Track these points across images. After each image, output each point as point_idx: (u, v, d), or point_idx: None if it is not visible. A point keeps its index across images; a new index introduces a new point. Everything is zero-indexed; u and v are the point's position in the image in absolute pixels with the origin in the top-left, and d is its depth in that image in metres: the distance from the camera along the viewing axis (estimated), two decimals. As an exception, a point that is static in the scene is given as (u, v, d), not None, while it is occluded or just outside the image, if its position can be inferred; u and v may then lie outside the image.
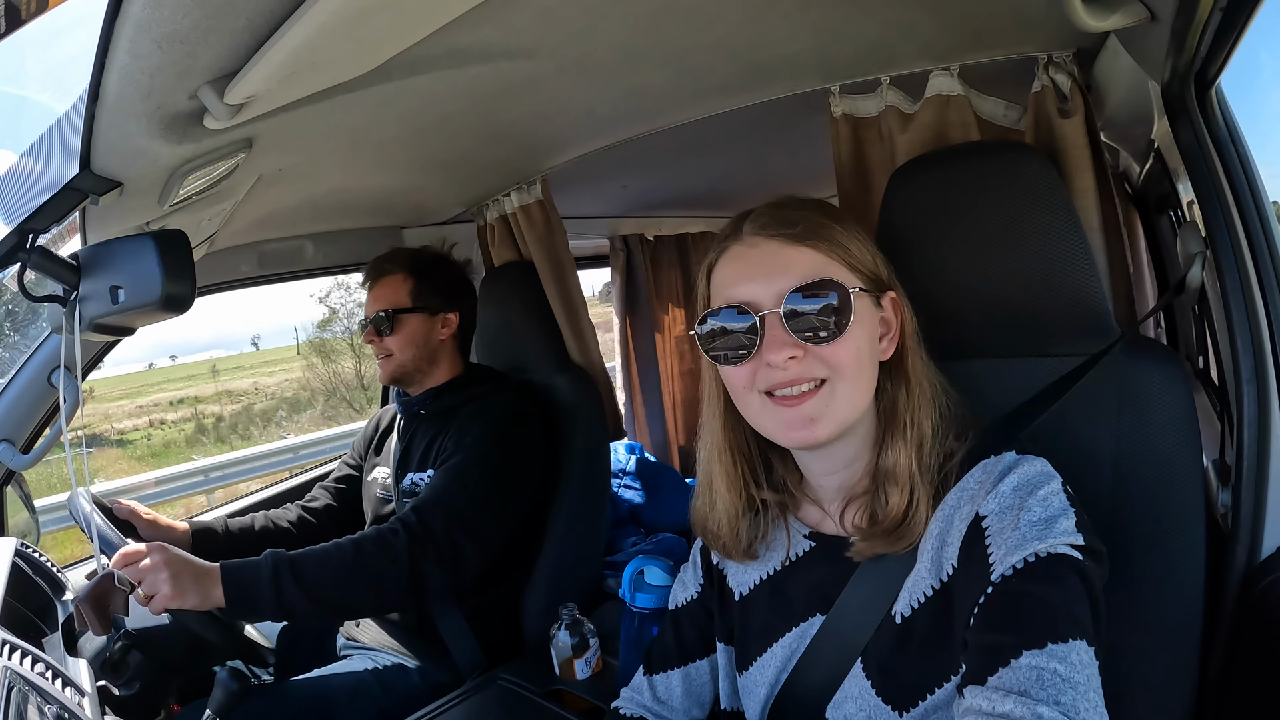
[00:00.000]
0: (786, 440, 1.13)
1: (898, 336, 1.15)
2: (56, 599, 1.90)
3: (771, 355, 1.07)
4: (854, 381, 1.08)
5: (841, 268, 1.09)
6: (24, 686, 1.26)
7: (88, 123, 1.09)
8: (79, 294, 1.32)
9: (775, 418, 1.11)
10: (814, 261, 1.09)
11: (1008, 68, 1.56)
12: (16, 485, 2.19)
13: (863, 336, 1.09)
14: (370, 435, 2.60)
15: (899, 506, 1.09)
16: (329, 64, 1.16)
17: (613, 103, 1.86)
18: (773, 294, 1.07)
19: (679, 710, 1.41)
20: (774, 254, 1.10)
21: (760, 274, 1.10)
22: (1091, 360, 1.26)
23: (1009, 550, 0.95)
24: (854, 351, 1.07)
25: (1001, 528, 0.98)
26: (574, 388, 2.39)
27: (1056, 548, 0.94)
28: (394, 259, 2.35)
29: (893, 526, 1.09)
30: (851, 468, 1.18)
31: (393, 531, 1.88)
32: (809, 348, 1.06)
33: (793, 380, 1.07)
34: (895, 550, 1.10)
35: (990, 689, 0.88)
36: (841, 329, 1.06)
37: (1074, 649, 0.87)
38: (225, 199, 1.82)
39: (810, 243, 1.09)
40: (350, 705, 2.02)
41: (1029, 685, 0.85)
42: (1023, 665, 0.87)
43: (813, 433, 1.08)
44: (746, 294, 1.09)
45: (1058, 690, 0.84)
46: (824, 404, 1.08)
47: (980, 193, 1.31)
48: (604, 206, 3.48)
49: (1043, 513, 0.97)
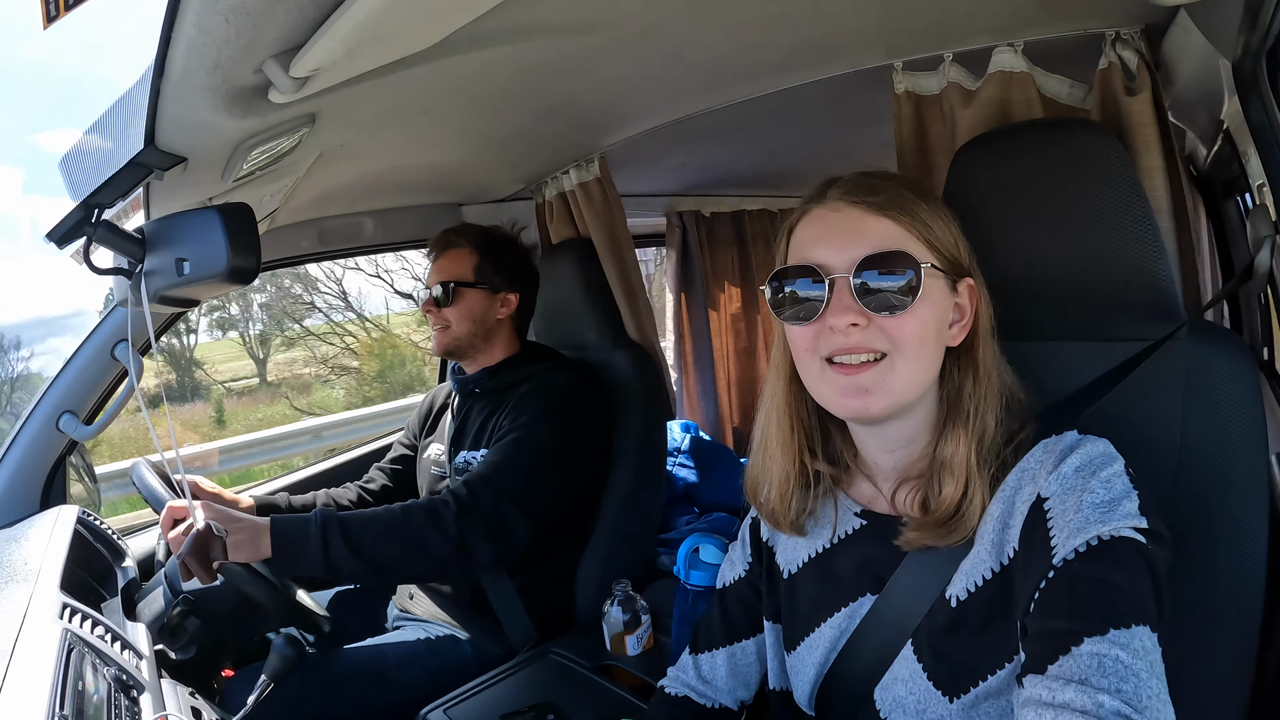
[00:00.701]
0: (840, 409, 1.13)
1: (970, 324, 1.14)
2: (116, 565, 1.94)
3: (835, 319, 1.07)
4: (914, 359, 1.08)
5: (919, 243, 1.09)
6: (83, 648, 1.29)
7: (153, 98, 1.10)
8: (144, 267, 1.34)
9: (832, 384, 1.11)
10: (891, 232, 1.09)
11: (1073, 44, 1.53)
12: (79, 455, 2.24)
13: (930, 316, 1.07)
14: (424, 414, 2.62)
15: (953, 498, 1.07)
16: (395, 37, 1.15)
17: (673, 79, 1.85)
18: (845, 259, 1.07)
19: (724, 690, 1.42)
20: (853, 220, 1.10)
21: (836, 238, 1.10)
22: (1155, 345, 1.23)
23: (1071, 533, 0.94)
24: (918, 329, 1.07)
25: (1063, 510, 0.97)
26: (631, 366, 2.39)
27: (1120, 530, 0.92)
28: (463, 233, 2.37)
29: (944, 518, 1.08)
30: (908, 449, 1.17)
31: (443, 502, 1.91)
32: (873, 318, 1.06)
33: (853, 348, 1.07)
34: (945, 543, 1.09)
35: (1050, 677, 0.87)
36: (908, 303, 1.05)
37: (1136, 635, 0.86)
38: (287, 175, 1.83)
39: (890, 213, 1.09)
40: (402, 674, 2.06)
41: (1090, 673, 0.84)
42: (1084, 652, 0.86)
43: (865, 404, 1.08)
44: (820, 256, 1.10)
45: (1119, 678, 0.83)
46: (881, 377, 1.07)
47: (1045, 171, 1.29)
48: (661, 184, 3.46)
49: (1105, 495, 0.95)
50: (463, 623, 2.24)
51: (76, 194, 1.28)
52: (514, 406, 2.16)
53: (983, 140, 1.41)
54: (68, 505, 2.09)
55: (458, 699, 1.86)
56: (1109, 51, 1.46)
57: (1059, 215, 1.27)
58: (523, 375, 2.26)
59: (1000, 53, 1.55)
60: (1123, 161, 1.25)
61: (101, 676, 1.27)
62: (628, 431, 2.33)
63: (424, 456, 2.50)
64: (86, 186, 1.26)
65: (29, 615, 1.36)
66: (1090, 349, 1.30)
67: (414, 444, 2.62)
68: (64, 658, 1.23)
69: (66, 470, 2.18)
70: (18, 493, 2.08)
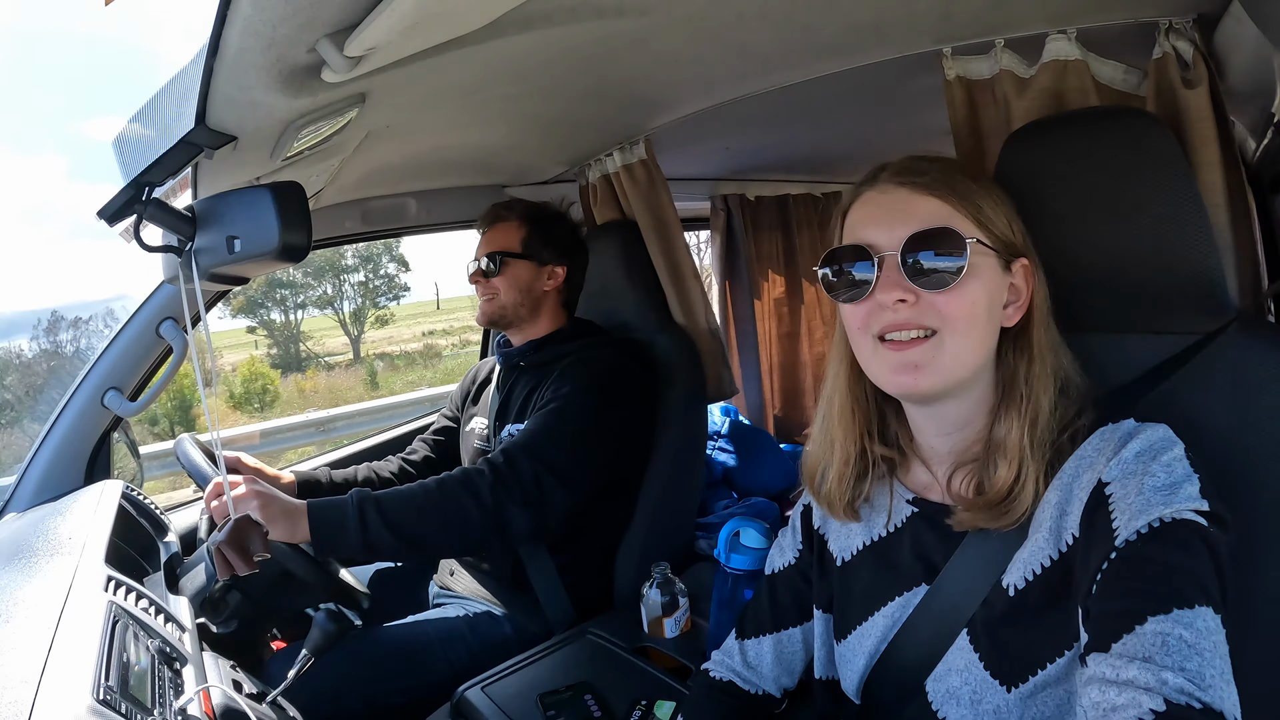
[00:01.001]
0: (891, 385, 1.13)
1: (1025, 305, 1.14)
2: (159, 539, 1.96)
3: (884, 295, 1.08)
4: (964, 336, 1.08)
5: (968, 221, 1.10)
6: (127, 621, 1.31)
7: (206, 76, 1.10)
8: (195, 244, 1.34)
9: (883, 361, 1.11)
10: (939, 211, 1.10)
11: (1127, 32, 1.51)
12: (123, 431, 2.26)
13: (980, 293, 1.08)
14: (468, 387, 2.64)
15: (1006, 480, 1.07)
16: (449, 17, 1.15)
17: (720, 61, 1.84)
18: (893, 238, 1.09)
19: (768, 677, 1.42)
20: (902, 200, 1.12)
21: (885, 218, 1.12)
22: (1206, 339, 1.21)
23: (1133, 515, 0.94)
24: (967, 305, 1.07)
25: (1125, 493, 0.97)
26: (675, 348, 2.38)
27: (1181, 513, 0.92)
28: (511, 207, 2.39)
29: (997, 499, 1.07)
30: (963, 431, 1.17)
31: (479, 471, 1.91)
32: (921, 294, 1.07)
33: (903, 324, 1.08)
34: (997, 526, 1.08)
35: (1114, 655, 0.87)
36: (956, 279, 1.05)
37: (1200, 615, 0.85)
38: (334, 155, 1.84)
39: (938, 192, 1.10)
40: (442, 650, 2.08)
41: (1154, 651, 0.84)
42: (1147, 631, 0.85)
43: (915, 380, 1.09)
44: (870, 236, 1.12)
45: (1183, 656, 0.82)
46: (930, 353, 1.08)
47: (1098, 160, 1.27)
48: (705, 168, 3.45)
49: (1167, 478, 0.95)
50: (503, 601, 2.25)
51: (128, 172, 1.28)
52: (558, 378, 2.16)
53: (1034, 127, 1.39)
54: (112, 480, 2.12)
55: (496, 676, 1.87)
56: (1163, 41, 1.43)
57: (1110, 205, 1.25)
58: (567, 350, 2.27)
59: (1054, 40, 1.53)
60: (1175, 153, 1.22)
61: (145, 648, 1.29)
62: (669, 414, 2.33)
63: (467, 429, 2.51)
64: (138, 165, 1.26)
65: (74, 588, 1.37)
66: (1140, 341, 1.28)
67: (457, 416, 2.64)
68: (109, 630, 1.24)
69: (111, 445, 2.21)
70: (63, 467, 2.11)
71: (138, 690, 1.15)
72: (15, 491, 2.08)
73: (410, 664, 2.03)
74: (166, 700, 1.20)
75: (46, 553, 1.54)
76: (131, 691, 1.12)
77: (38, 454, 2.11)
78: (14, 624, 1.22)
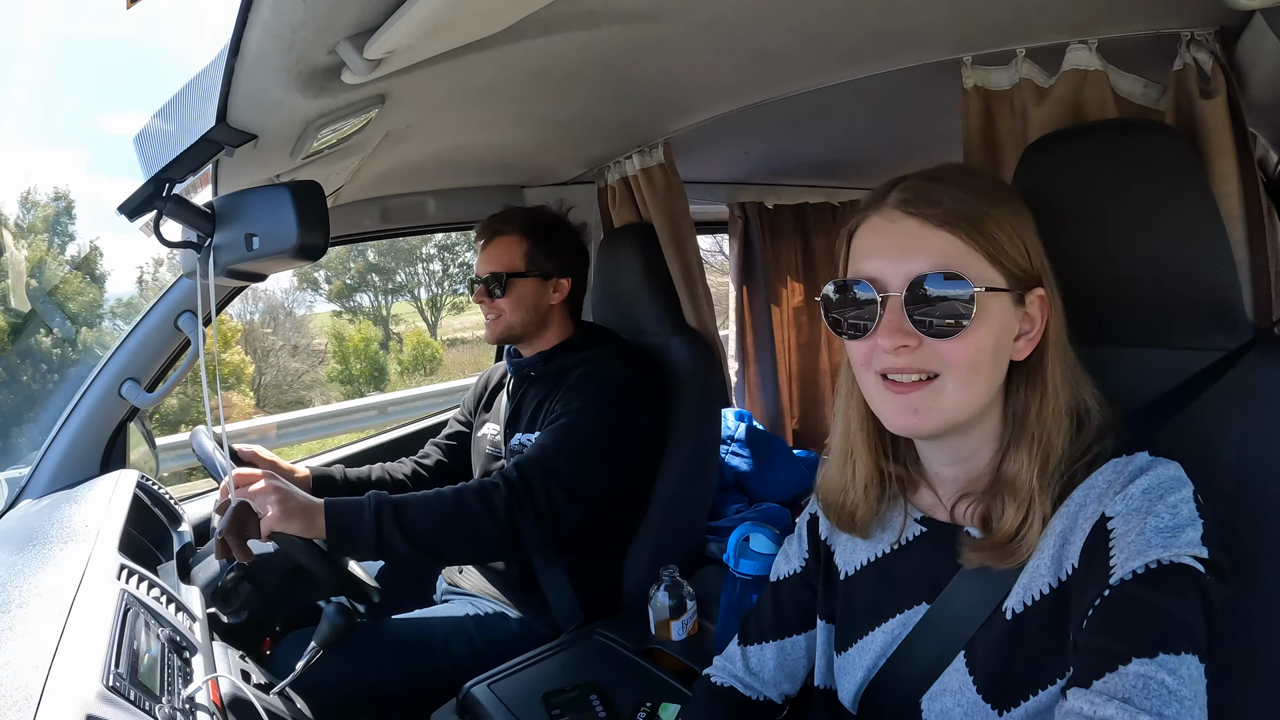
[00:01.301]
0: (892, 426, 1.10)
1: (1038, 337, 1.09)
2: (173, 529, 1.98)
3: (884, 340, 1.04)
4: (967, 382, 1.04)
5: (981, 260, 1.03)
6: (139, 609, 1.32)
7: (227, 76, 1.11)
8: (214, 241, 1.36)
9: (886, 402, 1.09)
10: (950, 249, 1.03)
11: (1148, 44, 1.50)
12: (140, 422, 2.29)
13: (986, 338, 1.03)
14: (480, 392, 2.63)
15: (1013, 522, 1.05)
16: (469, 20, 1.16)
17: (739, 67, 1.84)
18: (899, 276, 1.03)
19: (769, 683, 1.42)
20: (910, 234, 1.05)
21: (892, 252, 1.06)
22: (1232, 357, 1.19)
23: (1131, 555, 0.93)
24: (972, 352, 1.03)
25: (1126, 530, 0.96)
26: (689, 352, 2.37)
27: (1180, 557, 0.91)
28: (509, 219, 2.33)
29: (1003, 540, 1.05)
30: (969, 463, 1.15)
31: (494, 485, 1.91)
32: (924, 339, 1.03)
33: (904, 368, 1.05)
34: (1002, 566, 1.07)
35: (1094, 692, 0.87)
36: (962, 327, 1.01)
37: (1185, 663, 0.85)
38: (354, 154, 1.85)
39: (949, 227, 1.03)
40: (447, 646, 2.09)
41: (1134, 693, 0.84)
42: (1130, 672, 0.85)
43: (915, 422, 1.06)
44: (875, 270, 1.06)
45: (1163, 702, 0.82)
46: (931, 399, 1.05)
47: (1115, 172, 1.26)
48: (724, 172, 3.44)
49: (1170, 520, 0.94)
50: (511, 599, 2.26)
51: (149, 169, 1.30)
52: (567, 390, 2.16)
53: (1051, 140, 1.38)
54: (127, 470, 2.14)
55: (502, 674, 1.88)
56: (1184, 53, 1.43)
57: (1128, 217, 1.24)
58: (578, 360, 2.26)
59: (1074, 50, 1.52)
60: (1194, 166, 1.21)
61: (156, 637, 1.30)
62: (682, 418, 2.33)
63: (479, 435, 2.51)
64: (159, 161, 1.28)
65: (87, 575, 1.39)
66: (1154, 355, 1.27)
67: (470, 421, 2.64)
68: (120, 617, 1.26)
69: (127, 435, 2.23)
70: (79, 456, 2.13)
71: (147, 678, 1.16)
72: (31, 478, 2.10)
73: (416, 658, 2.04)
74: (175, 688, 1.21)
75: (61, 540, 1.56)
76: (141, 679, 1.14)
77: (54, 442, 2.13)
78: (27, 609, 1.24)
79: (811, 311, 4.01)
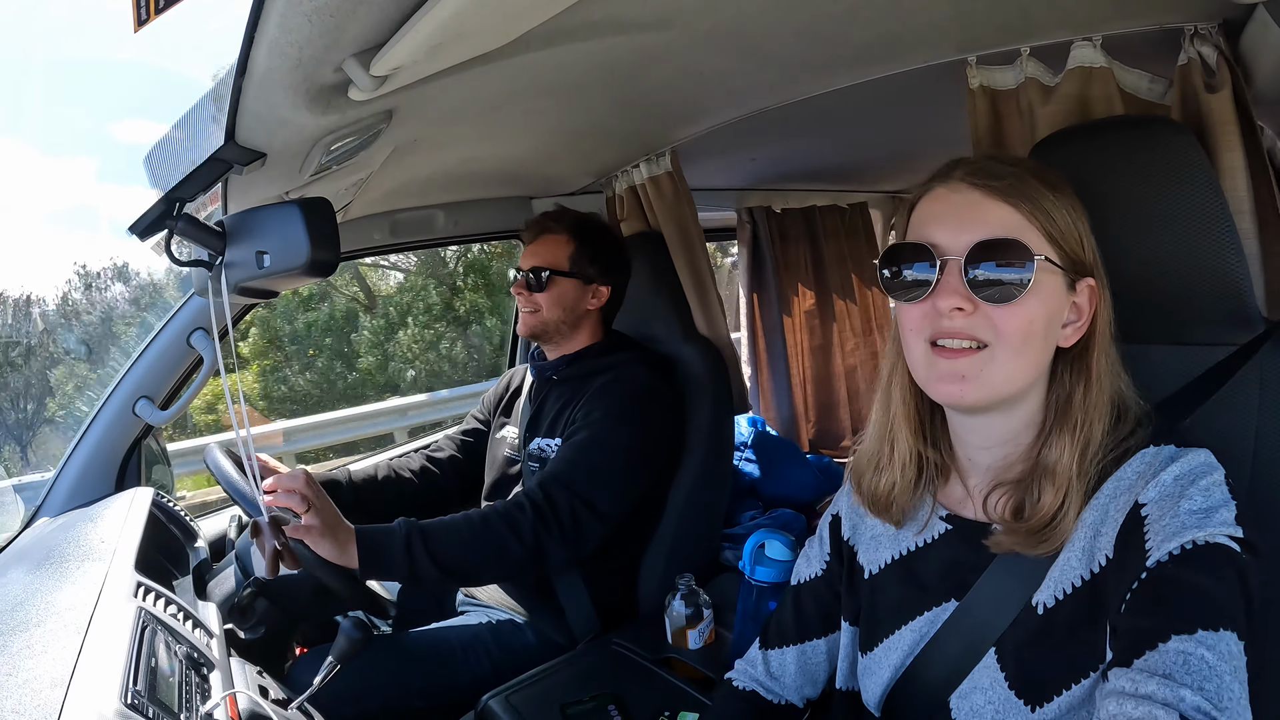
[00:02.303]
0: (937, 393, 1.12)
1: (1086, 326, 1.11)
2: (188, 545, 1.99)
3: (942, 301, 1.06)
4: (1016, 353, 1.06)
5: (1038, 234, 1.07)
6: (156, 626, 1.32)
7: (234, 95, 1.12)
8: (225, 259, 1.37)
9: (932, 367, 1.10)
10: (1010, 219, 1.07)
11: (1152, 39, 1.50)
12: (154, 439, 2.29)
13: (1039, 310, 1.05)
14: (501, 394, 2.63)
15: (1050, 507, 1.05)
16: (473, 36, 1.17)
17: (744, 74, 1.85)
18: (959, 242, 1.06)
19: (791, 687, 1.42)
20: (973, 203, 1.09)
21: (953, 219, 1.09)
22: (1244, 351, 1.20)
23: (1166, 537, 0.94)
24: (1024, 322, 1.05)
25: (1160, 515, 0.96)
26: (701, 359, 2.37)
27: (1215, 537, 0.92)
28: (560, 219, 2.35)
29: (1039, 526, 1.06)
30: (1006, 448, 1.16)
31: (519, 507, 1.91)
32: (980, 305, 1.05)
33: (956, 333, 1.06)
34: (1035, 553, 1.07)
35: (1135, 670, 0.87)
36: (1017, 294, 1.03)
37: (1224, 639, 0.86)
38: (362, 169, 1.86)
39: (1012, 200, 1.07)
40: (465, 658, 2.09)
41: (1174, 669, 0.84)
42: (1170, 649, 0.86)
43: (961, 390, 1.07)
44: (935, 236, 1.09)
45: (1203, 677, 0.83)
46: (979, 366, 1.06)
47: (1124, 169, 1.26)
48: (731, 179, 3.45)
49: (1203, 502, 0.95)
50: (527, 609, 2.26)
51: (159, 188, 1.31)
52: (588, 400, 2.16)
53: (1059, 138, 1.38)
54: (143, 487, 2.14)
55: (520, 686, 1.88)
56: (1188, 47, 1.43)
57: (1136, 214, 1.25)
58: (601, 366, 2.26)
59: (1079, 47, 1.53)
60: (1201, 161, 1.22)
61: (174, 654, 1.30)
62: (697, 426, 2.33)
63: (497, 436, 2.51)
64: (169, 181, 1.29)
65: (105, 593, 1.39)
66: (1167, 352, 1.27)
67: (488, 420, 2.64)
68: (138, 634, 1.26)
69: (142, 453, 2.24)
70: (95, 474, 2.14)
71: (165, 695, 1.16)
72: (48, 497, 2.11)
73: (433, 671, 2.04)
74: (194, 705, 1.21)
75: (78, 558, 1.56)
76: (159, 696, 1.14)
77: (70, 460, 2.14)
78: (45, 627, 1.24)
79: (824, 315, 4.00)
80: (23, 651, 1.15)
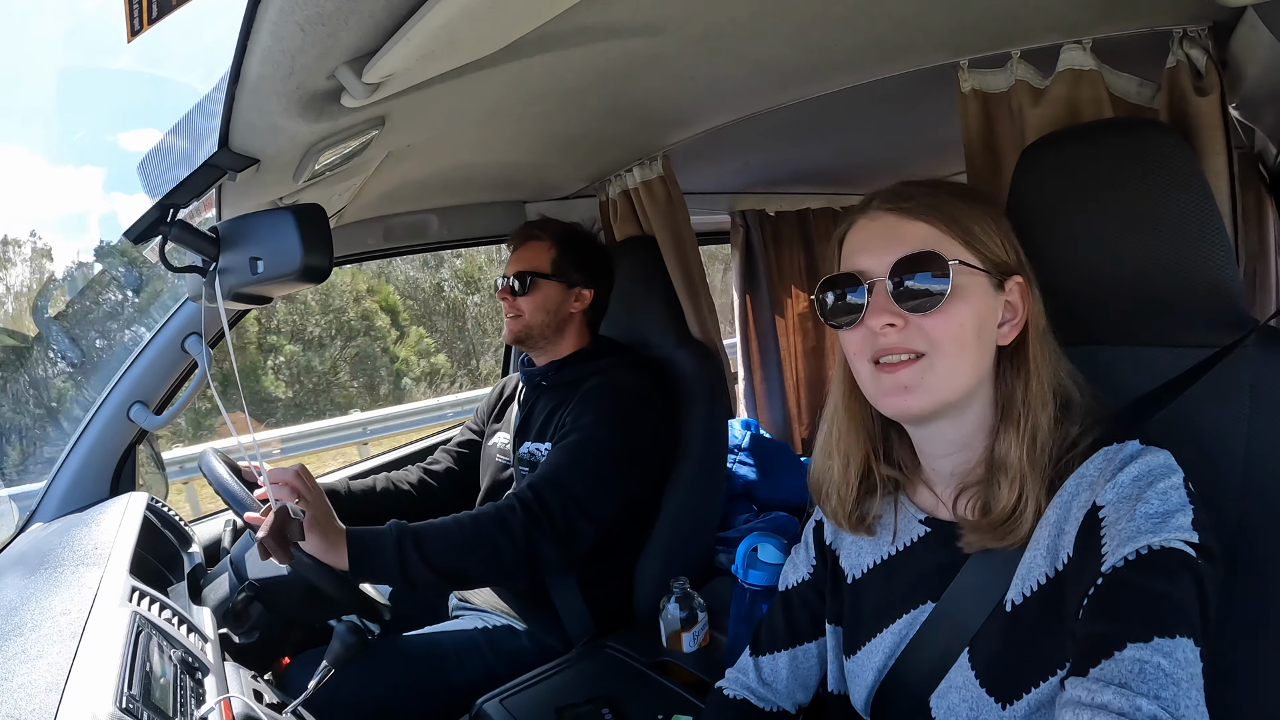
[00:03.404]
0: (884, 407, 1.16)
1: (1021, 323, 1.15)
2: (183, 550, 1.99)
3: (873, 320, 1.11)
4: (953, 359, 1.10)
5: (955, 243, 1.11)
6: (151, 631, 1.33)
7: (228, 103, 1.13)
8: (218, 265, 1.37)
9: (877, 384, 1.14)
10: (925, 234, 1.12)
11: (1141, 42, 1.51)
12: (148, 444, 2.30)
13: (967, 313, 1.09)
14: (494, 402, 2.65)
15: (1009, 500, 1.08)
16: (466, 43, 1.18)
17: (737, 78, 1.85)
18: (883, 263, 1.11)
19: (783, 693, 1.42)
20: (890, 226, 1.15)
21: (875, 244, 1.15)
22: (1223, 351, 1.21)
23: (1122, 542, 0.95)
24: (955, 327, 1.09)
25: (1117, 518, 0.98)
26: (695, 363, 2.38)
27: (1170, 542, 0.93)
28: (544, 226, 2.39)
29: (1000, 520, 1.09)
30: (965, 453, 1.18)
31: (510, 509, 1.91)
32: (909, 317, 1.10)
33: (893, 348, 1.11)
34: (1002, 546, 1.10)
35: (1091, 679, 0.88)
36: (941, 302, 1.07)
37: (1180, 645, 0.86)
38: (355, 175, 1.86)
39: (925, 216, 1.13)
40: (459, 662, 2.10)
41: (1130, 678, 0.85)
42: (1126, 657, 0.87)
43: (906, 401, 1.11)
44: (861, 263, 1.15)
45: (1159, 685, 0.84)
46: (920, 375, 1.10)
47: (1112, 172, 1.27)
48: (724, 182, 3.46)
49: (1160, 506, 0.96)
50: (521, 614, 2.27)
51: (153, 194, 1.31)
52: (578, 403, 2.17)
53: (1049, 141, 1.40)
54: (137, 492, 2.15)
55: (514, 690, 1.88)
56: (1176, 50, 1.44)
57: (1126, 217, 1.26)
58: (589, 370, 2.27)
59: (1069, 50, 1.54)
60: (1190, 164, 1.23)
61: (168, 658, 1.31)
62: (690, 430, 2.33)
63: (489, 444, 2.53)
64: (163, 187, 1.29)
65: (99, 598, 1.40)
66: (1157, 354, 1.28)
67: (482, 429, 2.65)
68: (133, 639, 1.26)
69: (136, 458, 2.24)
70: (89, 479, 2.14)
71: (160, 699, 1.17)
72: (42, 502, 2.10)
73: (428, 675, 2.05)
74: (189, 710, 1.22)
75: (72, 563, 1.57)
76: (154, 700, 1.15)
77: (64, 465, 2.14)
78: (40, 632, 1.25)
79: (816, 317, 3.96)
80: (17, 656, 1.16)
